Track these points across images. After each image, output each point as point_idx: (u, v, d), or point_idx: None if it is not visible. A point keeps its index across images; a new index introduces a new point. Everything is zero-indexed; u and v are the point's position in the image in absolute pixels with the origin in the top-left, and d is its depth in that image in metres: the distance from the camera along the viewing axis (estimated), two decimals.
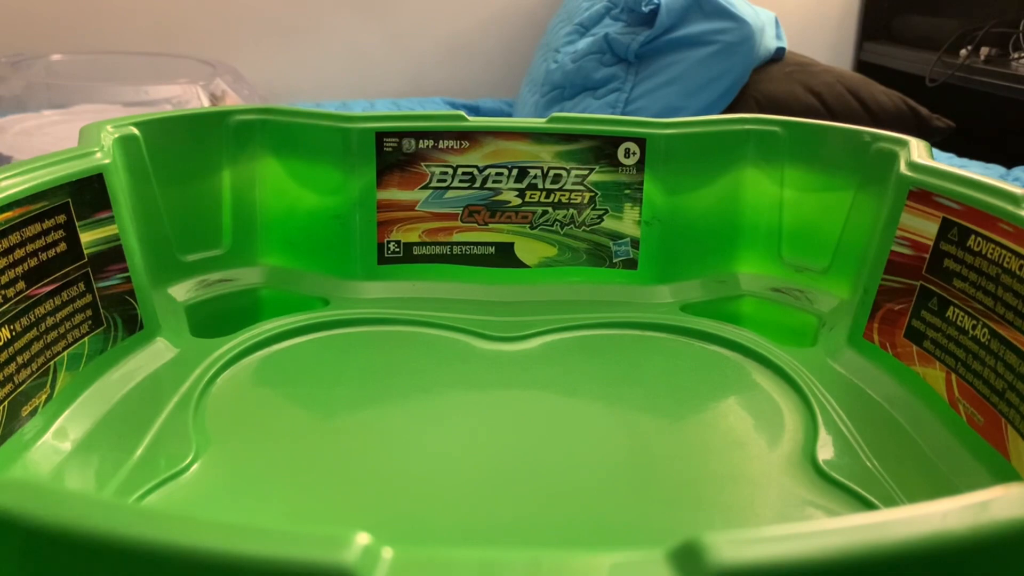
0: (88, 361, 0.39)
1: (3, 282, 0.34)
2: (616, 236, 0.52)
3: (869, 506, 0.34)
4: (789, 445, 0.38)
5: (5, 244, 0.35)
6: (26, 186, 0.36)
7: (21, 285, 0.35)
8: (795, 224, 0.51)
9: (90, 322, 0.40)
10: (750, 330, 0.48)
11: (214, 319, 0.48)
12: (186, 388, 0.40)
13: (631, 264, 0.52)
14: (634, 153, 0.51)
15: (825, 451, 0.37)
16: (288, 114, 0.50)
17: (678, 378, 0.44)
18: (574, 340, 0.47)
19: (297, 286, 0.51)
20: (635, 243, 0.52)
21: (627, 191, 0.51)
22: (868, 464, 0.36)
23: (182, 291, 0.48)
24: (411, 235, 0.52)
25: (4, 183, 0.35)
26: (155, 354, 0.43)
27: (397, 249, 0.52)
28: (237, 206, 0.50)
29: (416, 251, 0.52)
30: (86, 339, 0.39)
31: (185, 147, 0.48)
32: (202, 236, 0.50)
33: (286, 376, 0.43)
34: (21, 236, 0.36)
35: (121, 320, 0.42)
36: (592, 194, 0.51)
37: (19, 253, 0.35)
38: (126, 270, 0.42)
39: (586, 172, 0.51)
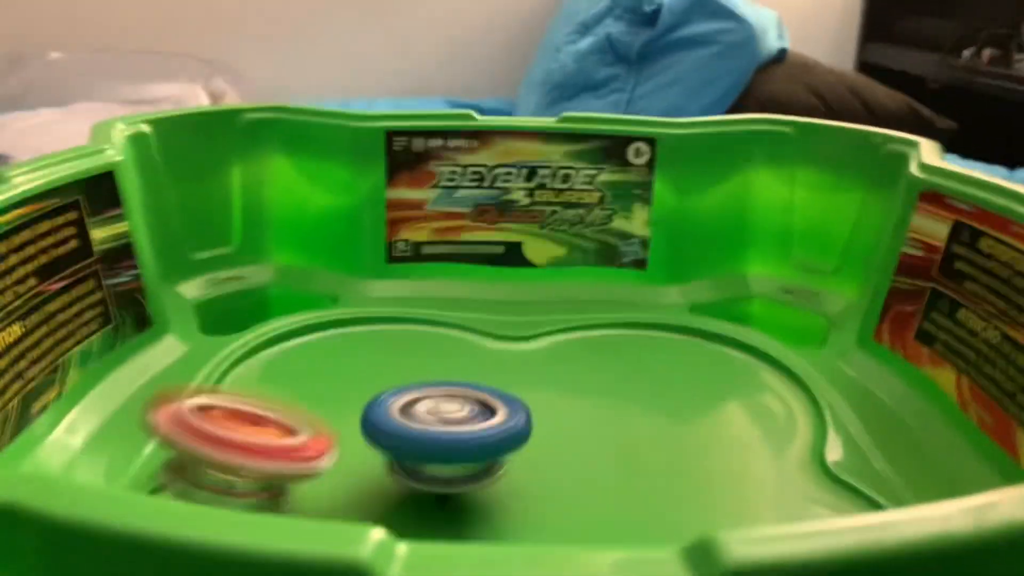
0: (98, 358, 0.39)
1: (15, 278, 0.34)
2: (625, 236, 0.52)
3: (878, 507, 0.34)
4: (798, 446, 0.38)
5: (17, 241, 0.34)
6: (38, 183, 0.36)
7: (32, 282, 0.35)
8: (805, 225, 0.51)
9: (100, 319, 0.39)
10: (759, 331, 0.48)
11: (224, 317, 0.48)
12: (195, 386, 0.40)
13: (640, 264, 0.52)
14: (644, 153, 0.51)
15: (834, 452, 0.37)
16: (298, 112, 0.50)
17: (687, 378, 0.44)
18: (582, 340, 0.47)
19: (306, 284, 0.51)
20: (644, 243, 0.52)
21: (636, 191, 0.51)
22: (877, 466, 0.36)
23: (192, 288, 0.48)
24: (420, 234, 0.52)
25: (16, 180, 0.35)
26: (164, 351, 0.43)
27: (406, 248, 0.51)
28: (247, 204, 0.50)
29: (425, 250, 0.52)
30: (96, 336, 0.39)
31: (196, 145, 0.48)
32: (212, 234, 0.49)
33: (294, 374, 0.43)
34: (33, 233, 0.35)
35: (131, 317, 0.41)
36: (601, 194, 0.51)
37: (30, 250, 0.35)
38: (136, 267, 0.42)
39: (595, 172, 0.51)
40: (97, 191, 0.40)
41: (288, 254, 0.52)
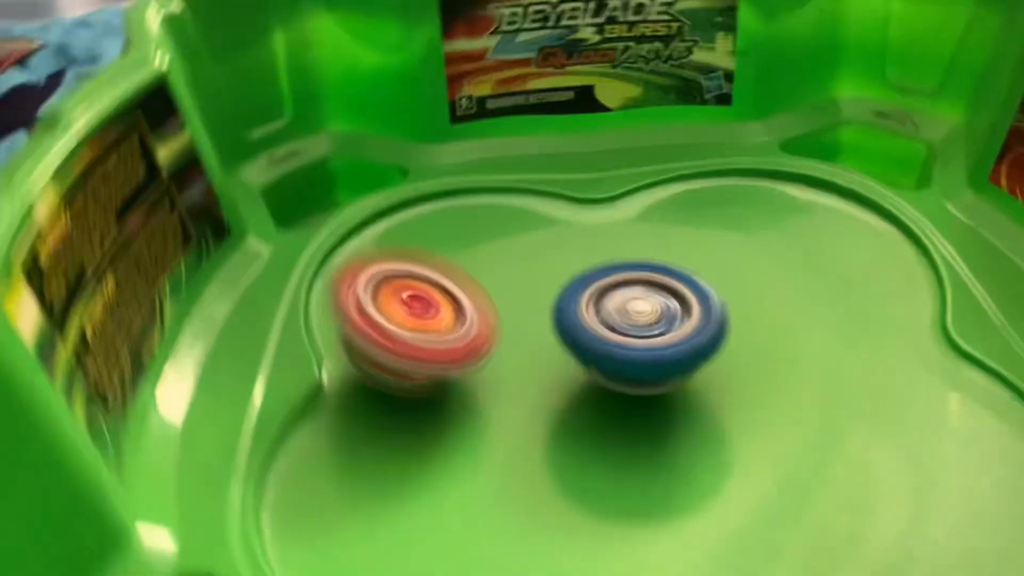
0: (187, 283, 0.37)
1: (99, 230, 0.32)
2: (707, 70, 0.48)
3: (1011, 387, 0.33)
4: (915, 310, 0.37)
5: (91, 188, 0.32)
6: (97, 118, 0.32)
7: (114, 229, 0.33)
8: (903, 40, 0.47)
9: (181, 240, 0.37)
10: (854, 164, 0.46)
11: (291, 200, 0.45)
12: (289, 299, 0.38)
13: (725, 99, 0.48)
14: None
15: (954, 317, 0.36)
16: None
17: (788, 235, 0.42)
18: (673, 197, 0.45)
19: (367, 152, 0.48)
20: (728, 76, 0.48)
21: (719, 18, 0.46)
22: (1007, 337, 0.35)
23: (254, 172, 0.45)
24: (483, 88, 0.48)
25: (74, 116, 0.31)
26: (248, 258, 0.40)
27: (470, 105, 0.48)
28: (294, 70, 0.46)
29: (490, 104, 0.48)
30: (181, 260, 0.37)
31: (233, 13, 0.43)
32: (263, 107, 0.46)
33: None
34: (103, 173, 0.32)
35: (209, 228, 0.39)
36: (680, 24, 0.46)
37: (104, 193, 0.33)
38: (203, 174, 0.39)
39: None
40: (152, 104, 0.36)
41: (345, 120, 0.48)
